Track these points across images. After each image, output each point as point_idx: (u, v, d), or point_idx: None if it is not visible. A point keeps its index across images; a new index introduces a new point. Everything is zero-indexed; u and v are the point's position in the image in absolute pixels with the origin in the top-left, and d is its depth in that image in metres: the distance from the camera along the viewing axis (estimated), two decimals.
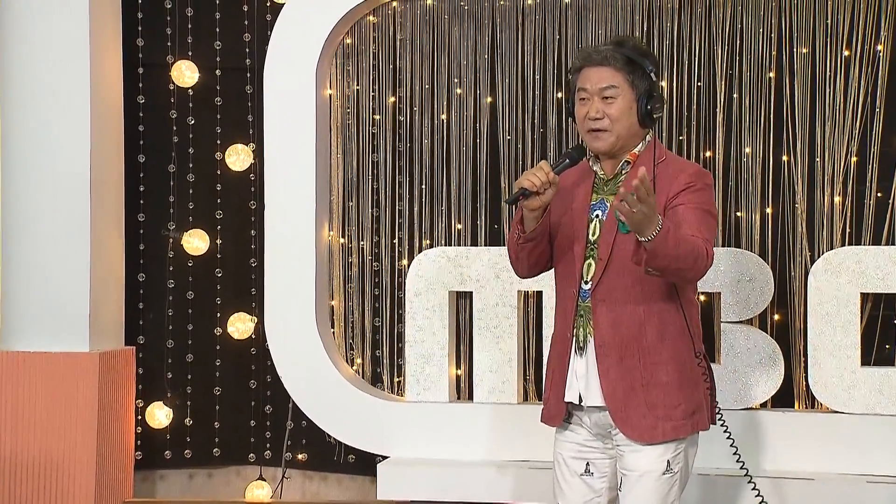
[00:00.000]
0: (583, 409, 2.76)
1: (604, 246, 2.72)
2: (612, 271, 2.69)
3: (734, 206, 4.00)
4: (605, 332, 2.70)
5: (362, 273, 4.28)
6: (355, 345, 4.28)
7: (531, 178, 2.63)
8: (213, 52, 4.46)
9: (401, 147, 4.26)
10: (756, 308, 3.84)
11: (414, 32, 4.24)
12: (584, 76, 2.73)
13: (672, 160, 2.79)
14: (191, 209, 4.50)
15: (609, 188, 2.75)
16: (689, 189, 2.68)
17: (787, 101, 3.97)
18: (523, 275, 2.88)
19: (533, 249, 2.77)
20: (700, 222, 2.65)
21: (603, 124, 2.71)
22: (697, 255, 2.58)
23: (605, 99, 2.70)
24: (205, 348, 4.50)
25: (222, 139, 4.47)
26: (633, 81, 2.71)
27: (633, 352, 2.69)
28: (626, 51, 2.71)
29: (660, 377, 2.69)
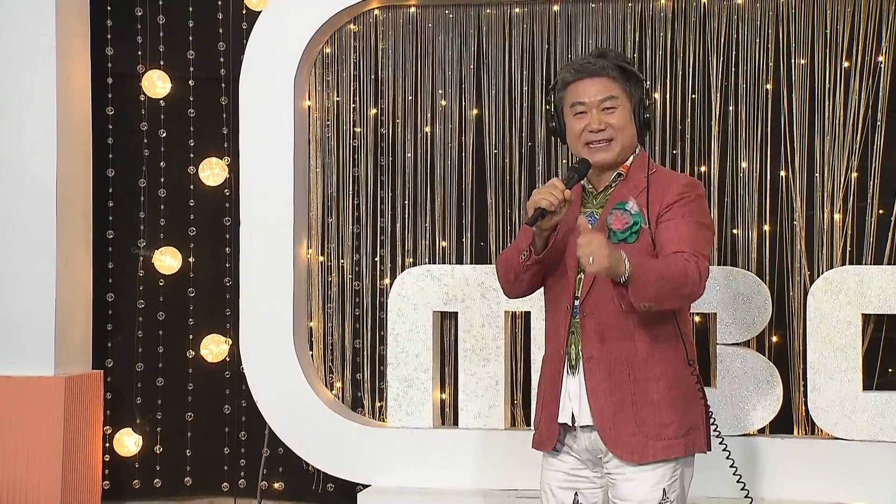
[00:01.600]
0: (575, 431, 2.75)
1: None
2: (600, 283, 2.69)
3: (730, 224, 4.02)
4: (592, 346, 2.70)
5: (342, 293, 4.28)
6: (335, 368, 4.28)
7: (548, 198, 2.63)
8: (186, 62, 4.47)
9: (383, 161, 4.28)
10: (753, 329, 3.86)
11: (396, 41, 4.26)
12: (580, 89, 2.76)
13: (663, 172, 2.83)
14: (162, 226, 4.49)
15: (598, 201, 2.79)
16: (682, 201, 2.70)
17: (785, 114, 4.00)
18: (518, 296, 2.87)
19: (539, 270, 2.78)
20: (693, 235, 2.67)
21: (607, 135, 2.74)
22: (686, 276, 2.59)
23: (604, 110, 2.74)
24: (176, 372, 4.48)
25: (195, 153, 4.47)
26: (629, 91, 2.76)
27: (622, 367, 2.69)
28: (615, 60, 2.76)
29: (650, 394, 2.69)
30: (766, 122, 4.01)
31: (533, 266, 2.74)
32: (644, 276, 2.53)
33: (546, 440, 2.80)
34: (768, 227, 4.01)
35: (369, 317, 4.27)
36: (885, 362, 3.92)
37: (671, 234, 2.66)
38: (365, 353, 4.27)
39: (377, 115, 4.28)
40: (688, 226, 2.67)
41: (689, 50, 4.06)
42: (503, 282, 2.85)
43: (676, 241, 2.64)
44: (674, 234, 2.66)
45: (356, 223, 4.28)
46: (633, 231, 2.70)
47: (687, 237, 2.66)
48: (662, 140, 4.07)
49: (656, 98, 4.06)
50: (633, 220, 2.70)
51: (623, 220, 2.70)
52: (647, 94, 2.79)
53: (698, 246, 2.66)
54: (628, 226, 2.70)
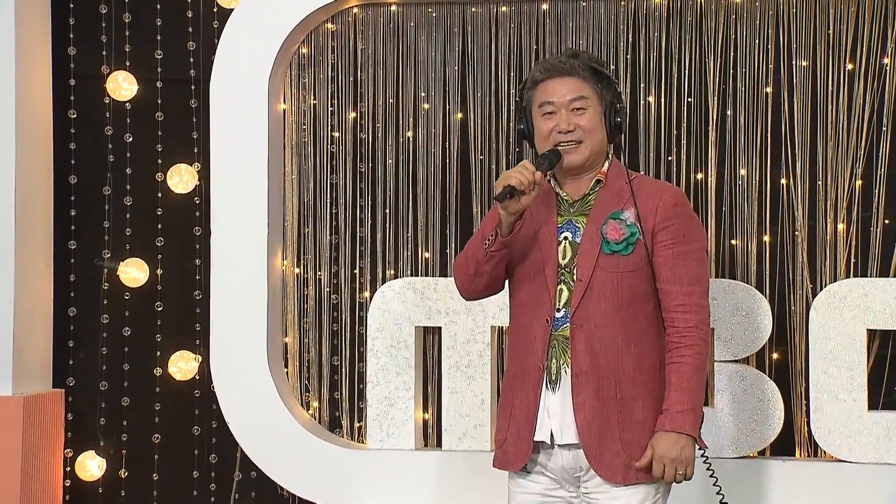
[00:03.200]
0: (552, 449, 2.77)
1: (583, 268, 2.76)
2: (592, 296, 2.74)
3: (728, 234, 4.01)
4: (582, 360, 2.73)
5: (319, 307, 4.27)
6: (311, 386, 4.27)
7: (518, 177, 2.67)
8: (154, 62, 4.43)
9: (362, 167, 4.26)
10: (752, 346, 3.85)
11: (377, 41, 4.24)
12: (548, 89, 2.80)
13: (643, 179, 2.88)
14: (128, 236, 4.46)
15: (576, 209, 2.82)
16: (679, 220, 2.77)
17: (786, 118, 3.98)
18: (477, 293, 2.90)
19: (501, 261, 2.80)
20: (699, 272, 2.77)
21: (576, 136, 2.78)
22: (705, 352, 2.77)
23: (574, 111, 2.78)
24: (143, 391, 4.44)
25: (164, 158, 4.44)
26: (600, 92, 2.80)
27: (609, 384, 2.73)
28: (589, 61, 2.82)
29: (636, 414, 2.73)
30: (766, 128, 4.00)
31: (497, 254, 2.76)
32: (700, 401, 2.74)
33: (514, 459, 2.80)
34: (768, 238, 4.00)
35: (348, 332, 4.26)
36: (891, 381, 3.91)
37: (678, 272, 2.75)
38: (343, 370, 4.25)
39: (356, 118, 4.26)
40: (695, 261, 2.76)
41: (685, 51, 4.04)
42: (462, 278, 2.87)
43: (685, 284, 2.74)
44: (682, 272, 2.75)
45: (334, 233, 4.26)
46: (630, 242, 2.75)
47: (694, 273, 2.76)
48: (657, 146, 4.05)
49: (650, 101, 4.05)
50: (629, 232, 2.74)
51: (620, 231, 2.74)
52: (620, 97, 2.82)
53: (704, 283, 2.77)
54: (625, 237, 2.74)
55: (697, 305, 2.75)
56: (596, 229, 2.76)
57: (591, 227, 2.78)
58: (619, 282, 2.75)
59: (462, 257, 2.88)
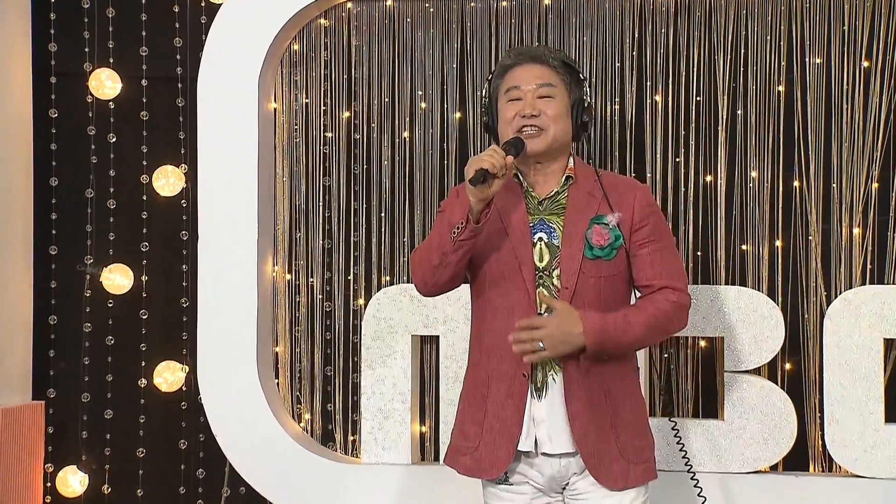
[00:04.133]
0: (536, 458, 2.80)
1: (567, 274, 2.80)
2: (576, 302, 2.77)
3: (738, 239, 4.00)
4: (573, 369, 2.77)
5: (312, 315, 4.26)
6: (303, 398, 4.26)
7: (489, 160, 2.69)
8: (139, 59, 4.42)
9: (356, 169, 4.25)
10: (764, 356, 3.85)
11: (371, 38, 4.22)
12: (516, 74, 2.86)
13: (607, 174, 2.96)
14: (111, 241, 4.45)
15: (546, 208, 2.86)
16: (650, 222, 2.85)
17: (799, 118, 3.97)
18: (438, 287, 2.89)
19: (468, 251, 2.81)
20: (678, 263, 2.90)
21: (539, 122, 2.83)
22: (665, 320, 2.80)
23: (540, 98, 2.84)
24: (127, 403, 4.43)
25: (149, 160, 4.43)
26: (569, 85, 2.88)
27: (598, 388, 2.79)
28: (560, 55, 2.92)
29: (625, 415, 2.81)
30: (778, 128, 3.98)
31: (465, 243, 2.77)
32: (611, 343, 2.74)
33: (489, 467, 2.83)
34: (780, 243, 3.99)
35: (341, 341, 4.24)
36: None
37: (656, 264, 2.83)
38: (336, 381, 4.24)
39: (350, 118, 4.25)
40: (664, 255, 2.85)
41: (694, 47, 4.03)
42: (423, 270, 2.86)
43: (660, 276, 2.83)
44: (659, 265, 2.83)
45: (327, 238, 4.25)
46: (614, 247, 2.81)
47: (675, 268, 2.86)
48: (664, 147, 4.03)
49: (657, 100, 4.04)
50: (613, 236, 2.81)
51: (604, 236, 2.80)
52: (587, 96, 2.91)
53: (679, 278, 2.86)
54: (609, 242, 2.80)
55: (681, 291, 2.85)
56: (576, 233, 2.80)
57: (569, 229, 2.81)
58: (601, 286, 2.81)
59: (424, 248, 2.88)
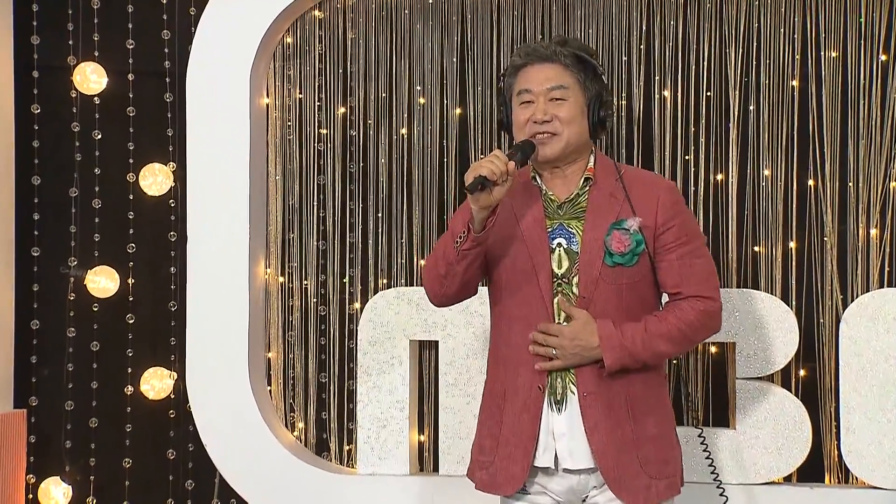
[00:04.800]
0: (555, 474, 2.80)
1: (585, 283, 2.78)
2: (595, 311, 2.77)
3: (751, 240, 3.99)
4: (590, 380, 2.76)
5: (305, 319, 4.25)
6: (296, 405, 4.25)
7: (489, 166, 2.67)
8: (125, 53, 4.40)
9: (352, 167, 4.24)
10: (778, 362, 3.83)
11: (368, 30, 4.21)
12: (527, 75, 2.84)
13: (632, 171, 2.94)
14: (96, 242, 4.43)
15: (566, 211, 2.85)
16: (676, 223, 2.82)
17: (814, 114, 3.96)
18: (448, 298, 2.89)
19: (474, 260, 2.79)
20: (709, 267, 2.85)
21: (552, 127, 2.81)
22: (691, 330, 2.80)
23: (552, 101, 2.82)
24: (112, 411, 4.41)
25: (136, 157, 4.41)
26: (584, 82, 2.85)
27: (620, 401, 2.77)
28: (574, 49, 2.86)
29: (649, 429, 2.80)
30: (792, 124, 3.97)
31: (469, 252, 2.76)
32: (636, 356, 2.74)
33: (504, 483, 2.83)
34: (794, 245, 3.98)
35: (336, 347, 4.24)
36: None
37: (685, 270, 2.81)
38: (331, 388, 4.23)
39: (346, 114, 4.24)
40: (693, 259, 2.82)
41: (704, 40, 4.02)
42: (432, 280, 2.88)
43: (687, 284, 2.81)
44: (687, 270, 2.81)
45: (322, 239, 4.25)
46: (636, 253, 2.78)
47: (704, 273, 2.83)
48: (673, 144, 4.02)
49: (666, 96, 4.02)
50: (634, 242, 2.78)
51: (624, 242, 2.77)
52: (607, 89, 2.88)
53: (710, 285, 2.84)
54: (630, 248, 2.78)
55: (709, 299, 2.83)
56: (595, 239, 2.78)
57: (589, 235, 2.79)
58: (623, 294, 2.79)
59: (432, 258, 2.89)
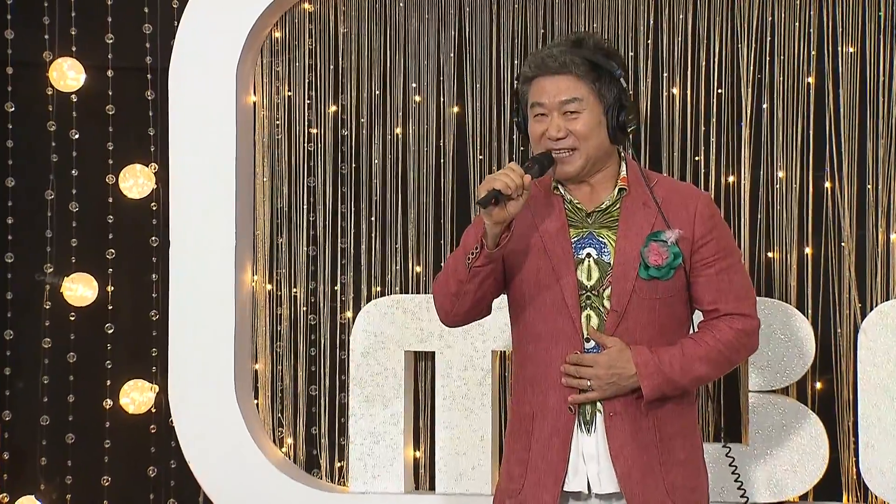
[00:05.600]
0: (588, 499, 2.78)
1: (618, 295, 2.75)
2: (628, 326, 2.74)
3: (765, 246, 3.97)
4: (616, 399, 2.74)
5: (295, 328, 4.23)
6: (285, 420, 4.22)
7: (504, 179, 2.65)
8: (105, 48, 4.36)
9: (344, 169, 4.22)
10: (793, 374, 3.81)
11: (361, 24, 4.19)
12: (539, 88, 2.80)
13: (664, 181, 2.91)
14: (74, 247, 4.39)
15: (596, 220, 2.81)
16: (714, 237, 2.79)
17: (831, 112, 3.94)
18: (460, 317, 2.86)
19: (486, 278, 2.76)
20: (738, 285, 2.81)
21: (568, 143, 2.77)
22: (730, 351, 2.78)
23: (567, 114, 2.78)
24: (90, 426, 4.38)
25: (115, 158, 4.38)
26: (599, 91, 2.79)
27: (649, 424, 2.75)
28: (588, 53, 2.78)
29: (677, 454, 2.77)
30: (808, 123, 3.95)
31: (482, 270, 2.73)
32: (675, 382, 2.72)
33: None
34: (810, 250, 3.96)
35: (327, 358, 4.20)
36: None
37: (713, 290, 2.79)
38: (322, 402, 4.20)
39: (337, 112, 4.22)
40: (732, 275, 2.80)
41: (715, 35, 3.99)
42: (442, 298, 2.85)
43: (725, 301, 2.79)
44: (726, 287, 2.79)
45: (312, 244, 4.22)
46: (673, 267, 2.75)
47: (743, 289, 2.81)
48: (682, 145, 4.00)
49: (674, 94, 3.99)
50: (672, 255, 2.75)
51: (662, 255, 2.74)
52: (625, 93, 2.81)
53: (748, 301, 2.82)
54: (668, 262, 2.75)
55: (748, 316, 2.80)
56: (630, 249, 2.75)
57: (623, 244, 2.76)
58: (657, 308, 2.76)
59: (443, 275, 2.86)
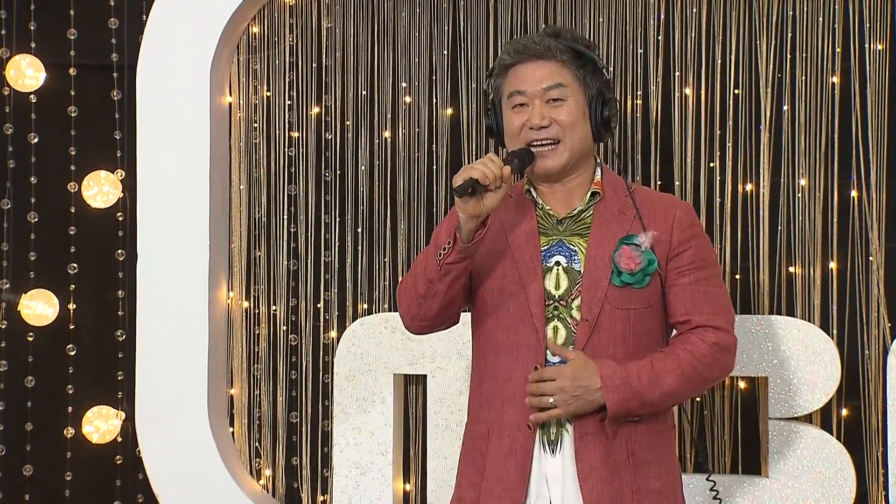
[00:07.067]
0: None
1: (589, 304, 2.73)
2: (600, 338, 2.72)
3: (785, 260, 3.94)
4: (587, 419, 2.71)
5: (274, 349, 4.19)
6: (263, 450, 4.19)
7: (482, 169, 2.64)
8: (66, 44, 4.34)
9: (328, 176, 4.18)
10: (817, 400, 3.75)
11: (346, 19, 4.17)
12: (519, 75, 2.79)
13: (644, 190, 2.91)
14: (32, 261, 4.36)
15: (567, 227, 2.81)
16: (692, 242, 2.79)
17: (858, 115, 3.90)
18: (426, 322, 2.83)
19: (457, 278, 2.74)
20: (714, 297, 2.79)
21: (551, 133, 2.76)
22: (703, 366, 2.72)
23: (550, 102, 2.77)
24: (50, 457, 4.34)
25: (78, 164, 4.34)
26: (584, 79, 2.79)
27: (621, 446, 2.72)
28: (569, 42, 2.80)
29: (650, 482, 2.74)
30: (833, 127, 3.91)
31: (454, 267, 2.72)
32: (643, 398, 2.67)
33: None
34: (835, 265, 3.92)
35: (309, 382, 4.17)
36: None
37: (688, 301, 2.76)
38: (303, 429, 4.17)
39: (321, 114, 4.20)
40: (708, 287, 2.78)
41: (731, 30, 3.96)
42: (408, 301, 2.83)
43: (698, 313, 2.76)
44: (701, 298, 2.76)
45: (293, 257, 4.19)
46: (647, 273, 2.74)
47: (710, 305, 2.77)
48: (695, 150, 3.97)
49: (687, 94, 3.96)
50: (646, 260, 2.73)
51: (635, 259, 2.73)
52: (608, 85, 2.84)
53: (724, 314, 2.79)
54: (641, 267, 2.73)
55: (723, 330, 2.77)
56: (601, 256, 2.74)
57: (594, 251, 2.75)
58: (631, 320, 2.74)
59: (409, 276, 2.83)
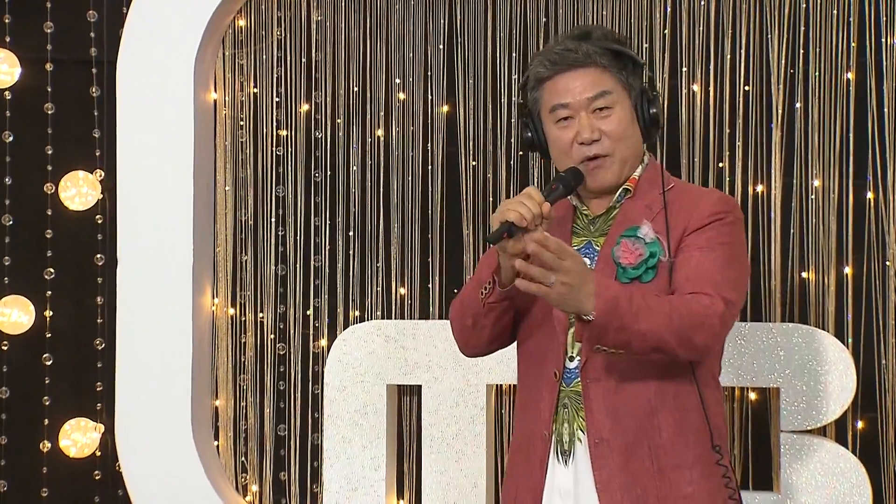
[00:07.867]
0: None
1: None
2: None
3: (798, 265, 3.93)
4: (602, 423, 2.67)
5: (262, 359, 4.18)
6: (249, 464, 4.17)
7: (518, 209, 2.58)
8: (43, 37, 4.33)
9: (318, 176, 4.17)
10: (831, 412, 3.73)
11: (337, 12, 4.16)
12: (559, 87, 2.75)
13: (684, 186, 2.86)
14: (7, 266, 4.35)
15: (598, 227, 2.79)
16: (713, 224, 2.70)
17: (873, 112, 3.90)
18: (478, 350, 2.83)
19: (504, 313, 2.73)
20: (721, 272, 2.66)
21: (601, 148, 2.72)
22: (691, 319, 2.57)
23: (596, 112, 2.73)
24: (25, 471, 4.33)
25: (55, 164, 4.34)
26: (627, 81, 2.75)
27: (643, 452, 2.66)
28: (604, 42, 2.75)
29: (682, 488, 2.67)
30: (847, 125, 3.92)
31: (497, 305, 2.71)
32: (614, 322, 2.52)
33: None
34: (850, 270, 3.91)
35: (299, 392, 4.17)
36: None
37: (690, 268, 2.66)
38: (292, 443, 4.16)
39: (310, 112, 4.19)
40: (715, 259, 2.66)
41: (741, 25, 3.96)
42: (459, 329, 2.83)
43: (697, 279, 2.64)
44: (693, 268, 2.66)
45: (281, 262, 4.18)
46: (650, 266, 2.67)
47: (711, 274, 2.64)
48: (704, 149, 3.97)
49: (695, 91, 3.95)
50: (647, 252, 2.67)
51: (635, 251, 2.68)
52: (652, 82, 2.79)
53: (725, 288, 2.64)
54: (642, 259, 2.67)
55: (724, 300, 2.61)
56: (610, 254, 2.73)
57: (605, 251, 2.73)
58: None
59: (458, 305, 2.83)
